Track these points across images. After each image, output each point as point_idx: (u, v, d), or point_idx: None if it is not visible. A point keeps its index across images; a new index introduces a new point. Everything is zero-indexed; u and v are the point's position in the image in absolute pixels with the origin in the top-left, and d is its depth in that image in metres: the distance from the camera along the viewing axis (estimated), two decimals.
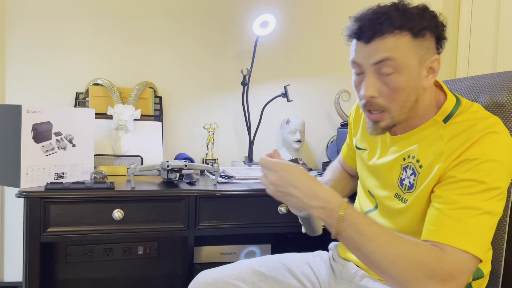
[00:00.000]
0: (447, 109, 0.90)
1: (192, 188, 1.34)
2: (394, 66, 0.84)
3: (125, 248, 1.64)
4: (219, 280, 1.02)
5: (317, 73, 2.02)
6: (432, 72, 0.88)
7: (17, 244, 1.76)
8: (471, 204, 0.79)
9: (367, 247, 0.79)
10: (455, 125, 0.87)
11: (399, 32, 0.83)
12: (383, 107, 0.88)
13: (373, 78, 0.87)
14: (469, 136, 0.83)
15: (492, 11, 2.08)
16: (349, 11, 2.02)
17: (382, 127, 0.91)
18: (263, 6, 1.91)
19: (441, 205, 0.82)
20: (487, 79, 1.07)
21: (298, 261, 1.13)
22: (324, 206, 0.81)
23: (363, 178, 1.09)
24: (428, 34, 0.85)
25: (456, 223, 0.79)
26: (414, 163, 0.91)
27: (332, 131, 2.03)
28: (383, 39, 0.84)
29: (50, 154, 1.29)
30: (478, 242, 0.78)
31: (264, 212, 1.39)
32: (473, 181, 0.80)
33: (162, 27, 1.85)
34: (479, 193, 0.80)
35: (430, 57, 0.87)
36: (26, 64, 1.73)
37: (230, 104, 1.93)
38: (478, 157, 0.80)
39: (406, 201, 0.91)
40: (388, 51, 0.84)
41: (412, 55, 0.84)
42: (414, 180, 0.90)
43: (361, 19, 0.87)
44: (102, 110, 1.65)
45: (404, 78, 0.85)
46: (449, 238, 0.78)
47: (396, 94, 0.86)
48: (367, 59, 0.86)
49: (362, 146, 1.09)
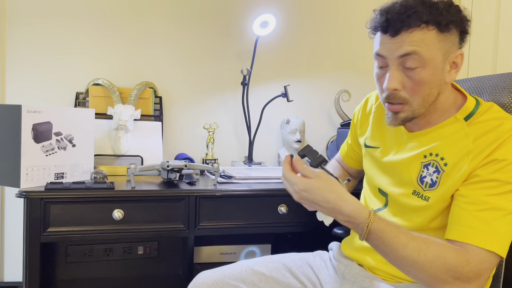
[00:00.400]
0: (468, 107, 0.90)
1: (192, 188, 1.33)
2: (419, 60, 0.84)
3: (125, 248, 1.64)
4: (219, 281, 1.01)
5: (317, 73, 2.02)
6: (455, 67, 0.89)
7: (17, 244, 1.76)
8: (498, 204, 0.80)
9: (394, 255, 0.82)
10: (481, 124, 0.87)
11: (426, 26, 0.83)
12: (405, 99, 0.89)
13: (397, 71, 0.87)
14: (497, 136, 0.84)
15: (492, 11, 2.08)
16: (349, 11, 2.02)
17: (402, 118, 0.91)
18: (263, 6, 1.90)
19: (468, 205, 0.83)
20: (489, 80, 1.08)
21: (298, 261, 1.13)
22: (350, 221, 0.86)
23: (372, 177, 1.07)
24: (454, 29, 0.86)
25: (483, 224, 0.80)
26: (438, 160, 0.90)
27: (332, 131, 2.03)
28: (410, 33, 0.84)
29: (50, 154, 1.29)
30: (503, 242, 0.80)
31: (264, 212, 1.39)
32: (500, 181, 0.81)
33: (163, 27, 1.84)
34: (506, 194, 0.81)
35: (454, 51, 0.87)
36: (26, 64, 1.73)
37: (230, 104, 1.93)
38: (506, 158, 0.82)
39: (427, 198, 0.91)
40: (414, 45, 0.84)
41: (437, 50, 0.85)
42: (437, 177, 0.90)
43: (388, 11, 0.86)
44: (102, 110, 1.64)
45: (428, 72, 0.85)
46: (476, 239, 0.80)
47: (419, 87, 0.87)
48: (392, 52, 0.86)
49: (374, 144, 1.08)
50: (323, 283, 1.09)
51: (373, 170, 1.07)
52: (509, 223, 0.81)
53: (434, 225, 0.92)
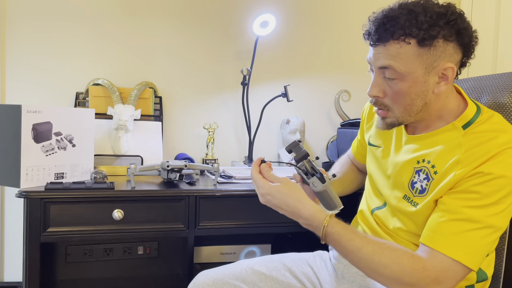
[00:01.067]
0: (467, 115, 0.88)
1: (192, 188, 1.33)
2: (396, 73, 0.85)
3: (125, 248, 1.64)
4: (219, 281, 1.02)
5: (317, 73, 2.02)
6: (444, 79, 0.86)
7: (17, 244, 1.76)
8: (473, 217, 0.80)
9: (350, 257, 0.87)
10: (476, 135, 0.85)
11: (404, 39, 0.83)
12: (387, 107, 0.91)
13: (379, 79, 0.89)
14: (488, 149, 0.82)
15: (492, 11, 2.08)
16: (349, 11, 2.02)
17: (388, 123, 0.93)
18: (263, 6, 1.90)
19: (444, 212, 0.83)
20: (489, 80, 1.08)
21: (298, 261, 1.13)
22: (309, 224, 0.93)
23: (372, 175, 1.08)
24: (440, 42, 0.83)
25: (453, 233, 0.80)
26: (428, 168, 0.90)
27: (332, 131, 2.03)
28: (386, 45, 0.85)
29: (50, 154, 1.29)
30: (473, 254, 0.80)
31: (264, 212, 1.38)
32: (481, 194, 0.80)
33: (163, 27, 1.84)
34: (484, 207, 0.80)
35: (441, 64, 0.85)
36: (26, 64, 1.73)
37: (230, 104, 1.93)
38: (492, 172, 0.80)
39: (416, 204, 0.91)
40: (390, 58, 0.84)
41: (416, 63, 0.84)
42: (426, 185, 0.89)
43: (372, 21, 0.87)
44: (102, 110, 1.64)
45: (407, 84, 0.86)
46: (443, 246, 0.80)
47: (398, 97, 0.88)
48: (373, 61, 0.89)
49: (376, 143, 1.08)
50: (322, 283, 1.09)
51: (374, 169, 1.07)
52: (483, 236, 0.80)
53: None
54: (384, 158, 1.03)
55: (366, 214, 1.07)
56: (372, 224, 1.04)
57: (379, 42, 0.85)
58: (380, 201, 1.04)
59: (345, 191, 1.22)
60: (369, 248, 0.84)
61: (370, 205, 1.07)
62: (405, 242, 0.94)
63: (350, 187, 1.23)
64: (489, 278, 0.94)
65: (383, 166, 1.03)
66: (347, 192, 1.23)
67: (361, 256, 0.85)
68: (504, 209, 0.81)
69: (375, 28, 0.85)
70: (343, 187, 1.20)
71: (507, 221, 0.83)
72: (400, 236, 0.96)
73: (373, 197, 1.07)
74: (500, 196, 0.80)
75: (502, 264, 0.97)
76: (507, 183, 0.80)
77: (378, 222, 1.02)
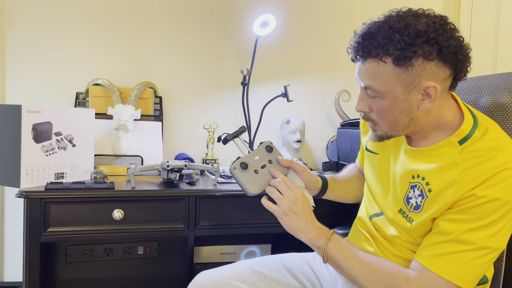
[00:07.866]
0: (464, 130, 0.86)
1: (192, 188, 1.34)
2: (376, 92, 0.85)
3: (125, 248, 1.64)
4: (219, 281, 1.02)
5: (317, 73, 2.02)
6: (428, 97, 0.84)
7: (17, 244, 1.76)
8: (465, 239, 0.80)
9: (346, 275, 0.90)
10: (472, 153, 0.83)
11: (381, 58, 0.81)
12: (374, 121, 0.92)
13: (364, 96, 0.90)
14: (483, 171, 0.80)
15: (492, 11, 2.08)
16: (349, 11, 2.02)
17: (378, 136, 0.94)
18: (263, 6, 1.90)
19: (437, 234, 0.84)
20: (488, 80, 1.07)
21: (298, 261, 1.13)
22: (312, 244, 0.94)
23: (370, 182, 1.06)
24: (420, 61, 0.80)
25: (444, 253, 0.81)
26: (423, 185, 0.88)
27: (332, 131, 2.03)
28: (364, 63, 0.85)
29: (50, 154, 1.29)
30: (462, 273, 0.80)
31: (264, 212, 1.38)
32: (474, 215, 0.80)
33: (163, 27, 1.84)
34: (477, 229, 0.80)
35: (422, 83, 0.82)
36: (26, 64, 1.73)
37: (230, 104, 1.93)
38: (486, 195, 0.79)
39: (412, 221, 0.90)
40: (369, 78, 0.85)
41: (394, 82, 0.82)
42: (421, 202, 0.89)
43: (354, 37, 0.87)
44: (102, 110, 1.65)
45: (387, 102, 0.86)
46: (432, 264, 0.82)
47: (382, 114, 0.89)
48: (358, 78, 0.89)
49: (373, 149, 1.06)
50: (322, 283, 1.09)
51: (371, 176, 1.06)
52: (477, 257, 0.80)
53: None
54: (381, 166, 1.02)
55: (365, 220, 1.06)
56: (371, 229, 1.03)
57: (357, 60, 0.86)
58: (378, 209, 1.04)
59: (349, 196, 1.20)
60: (358, 268, 0.87)
61: (369, 211, 1.06)
62: (403, 248, 0.95)
63: (354, 193, 1.20)
64: (490, 281, 0.94)
65: (379, 175, 1.02)
66: (353, 199, 1.21)
67: (353, 276, 0.88)
68: (499, 230, 0.80)
69: (355, 45, 0.86)
70: (346, 192, 1.18)
71: (505, 241, 0.82)
72: (398, 243, 0.95)
73: (372, 203, 1.06)
74: (495, 218, 0.79)
75: (502, 264, 0.97)
76: (501, 205, 0.79)
77: (376, 228, 1.02)
